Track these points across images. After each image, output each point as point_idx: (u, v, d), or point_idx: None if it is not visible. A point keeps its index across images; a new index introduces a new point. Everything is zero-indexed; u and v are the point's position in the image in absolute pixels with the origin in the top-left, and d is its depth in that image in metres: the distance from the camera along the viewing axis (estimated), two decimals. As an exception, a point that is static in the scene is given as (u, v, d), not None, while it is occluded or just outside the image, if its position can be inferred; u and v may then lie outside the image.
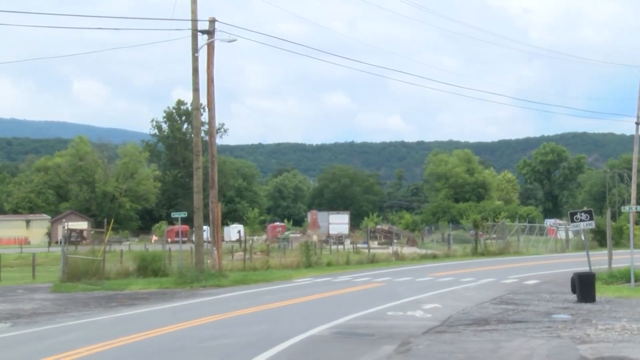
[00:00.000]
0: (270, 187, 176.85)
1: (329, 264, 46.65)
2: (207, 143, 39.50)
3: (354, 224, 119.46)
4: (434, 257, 55.78)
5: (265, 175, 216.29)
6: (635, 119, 59.33)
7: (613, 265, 32.53)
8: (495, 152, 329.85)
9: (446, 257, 56.35)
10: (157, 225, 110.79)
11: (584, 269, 28.61)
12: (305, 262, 45.55)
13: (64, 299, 27.34)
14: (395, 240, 68.24)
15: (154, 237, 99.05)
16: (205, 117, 41.90)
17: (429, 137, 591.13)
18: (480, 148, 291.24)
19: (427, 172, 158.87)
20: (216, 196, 36.83)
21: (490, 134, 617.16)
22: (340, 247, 64.53)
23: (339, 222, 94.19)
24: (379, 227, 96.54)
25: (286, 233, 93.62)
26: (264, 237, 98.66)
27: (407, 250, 61.23)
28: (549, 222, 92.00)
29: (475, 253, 58.21)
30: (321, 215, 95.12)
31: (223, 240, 67.80)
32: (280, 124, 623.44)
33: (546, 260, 49.81)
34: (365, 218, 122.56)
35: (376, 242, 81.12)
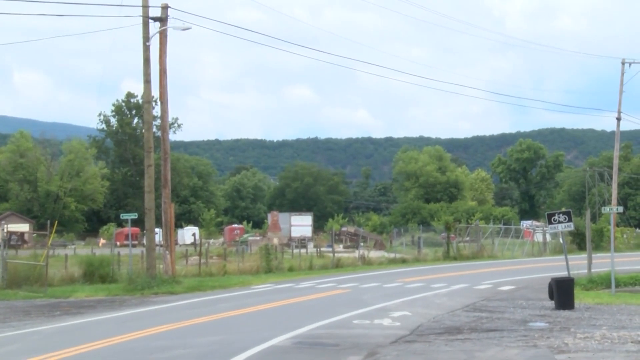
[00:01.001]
0: (228, 186, 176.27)
1: (290, 269, 46.71)
2: (160, 139, 39.40)
3: (318, 226, 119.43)
4: (403, 261, 55.92)
5: (222, 174, 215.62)
6: (616, 114, 59.74)
7: (593, 270, 32.80)
8: (468, 149, 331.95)
9: (416, 261, 56.45)
10: (105, 227, 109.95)
11: (562, 273, 28.77)
12: (265, 267, 45.52)
13: (2, 308, 26.99)
14: (361, 244, 68.06)
15: (102, 241, 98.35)
16: (157, 110, 41.68)
17: (398, 133, 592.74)
18: (452, 145, 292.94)
19: (396, 170, 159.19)
20: (169, 196, 36.70)
21: (463, 130, 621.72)
22: (303, 250, 64.37)
23: (301, 224, 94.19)
24: (344, 229, 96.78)
25: (245, 236, 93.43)
26: (221, 240, 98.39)
27: (374, 254, 61.22)
28: (526, 224, 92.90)
29: (447, 257, 58.56)
30: (282, 217, 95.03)
31: (176, 243, 67.57)
32: (238, 119, 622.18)
33: (522, 265, 50.10)
34: (330, 220, 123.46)
35: (341, 246, 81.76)
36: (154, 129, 48.95)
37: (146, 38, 35.48)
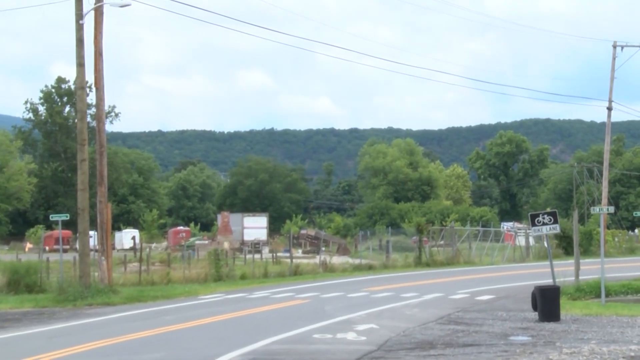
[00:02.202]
0: (172, 183, 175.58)
1: (243, 277, 46.73)
2: (95, 130, 39.13)
3: (274, 228, 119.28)
4: (370, 268, 55.97)
5: (166, 170, 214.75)
6: (607, 104, 60.07)
7: (581, 277, 33.11)
8: (442, 142, 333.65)
9: (384, 268, 56.65)
10: (32, 230, 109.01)
11: (547, 281, 29.02)
12: (214, 275, 45.56)
13: None
14: (323, 248, 68.26)
15: (28, 245, 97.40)
16: (92, 98, 41.50)
17: (364, 124, 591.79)
18: (425, 137, 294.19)
19: (362, 166, 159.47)
20: (105, 195, 36.50)
21: (437, 121, 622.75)
22: (257, 256, 64.22)
23: (255, 226, 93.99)
24: (303, 232, 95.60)
25: (191, 240, 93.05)
26: (164, 244, 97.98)
27: (337, 259, 61.43)
28: (506, 226, 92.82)
29: (418, 263, 58.70)
30: (234, 218, 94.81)
31: (114, 248, 66.92)
32: (184, 108, 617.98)
33: (503, 272, 50.40)
34: (288, 221, 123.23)
35: (300, 251, 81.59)
36: (88, 119, 48.66)
37: (79, 15, 35.20)
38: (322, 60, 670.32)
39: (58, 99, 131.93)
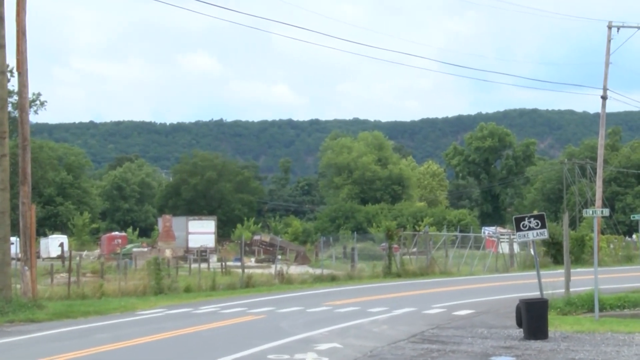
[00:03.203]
0: (106, 182, 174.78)
1: (187, 290, 46.59)
2: (17, 121, 38.74)
3: (223, 233, 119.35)
4: (333, 279, 56.21)
5: (99, 167, 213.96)
6: (601, 92, 60.13)
7: (572, 289, 33.16)
8: (415, 136, 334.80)
9: (349, 279, 56.87)
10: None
11: (534, 294, 29.24)
12: (154, 287, 45.33)
13: None
14: (279, 257, 68.83)
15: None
16: (14, 84, 41.14)
17: (327, 115, 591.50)
18: (395, 130, 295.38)
19: (324, 162, 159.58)
20: (29, 195, 36.17)
21: (410, 111, 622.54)
22: (204, 265, 64.11)
23: (201, 232, 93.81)
24: (257, 237, 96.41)
25: (128, 247, 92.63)
26: (97, 252, 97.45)
27: (296, 269, 61.60)
28: (488, 231, 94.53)
29: (388, 273, 58.86)
30: (177, 222, 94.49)
31: (39, 256, 66.52)
32: (120, 95, 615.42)
33: (483, 283, 50.53)
34: (239, 226, 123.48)
35: (253, 259, 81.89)
36: (10, 108, 48.39)
37: (-1, -11, 34.87)
38: (279, 42, 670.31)
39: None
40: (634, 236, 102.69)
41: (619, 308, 32.06)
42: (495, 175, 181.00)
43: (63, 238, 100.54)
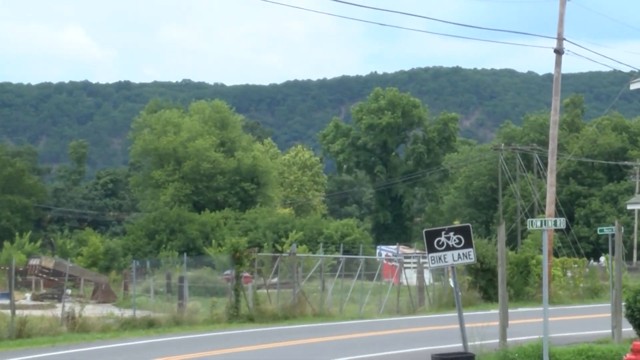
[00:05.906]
0: None
1: None
2: None
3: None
4: (151, 325, 49.27)
5: None
6: (554, 43, 56.48)
7: (510, 339, 31.06)
8: (277, 107, 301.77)
9: (176, 324, 49.75)
10: None
11: (454, 345, 28.94)
12: None
13: None
14: (69, 291, 64.83)
15: None
16: None
17: (142, 76, 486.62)
18: (247, 98, 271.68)
19: (137, 147, 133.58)
20: None
21: (270, 70, 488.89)
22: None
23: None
24: (34, 262, 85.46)
25: None
26: None
27: (94, 310, 54.39)
28: (386, 253, 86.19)
29: (235, 316, 50.99)
30: None
31: None
32: None
33: (379, 331, 44.20)
34: (7, 244, 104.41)
35: (28, 296, 73.08)
36: None
37: None
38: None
39: None
40: (602, 259, 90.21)
41: (579, 366, 28.65)
42: (397, 168, 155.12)
43: None
